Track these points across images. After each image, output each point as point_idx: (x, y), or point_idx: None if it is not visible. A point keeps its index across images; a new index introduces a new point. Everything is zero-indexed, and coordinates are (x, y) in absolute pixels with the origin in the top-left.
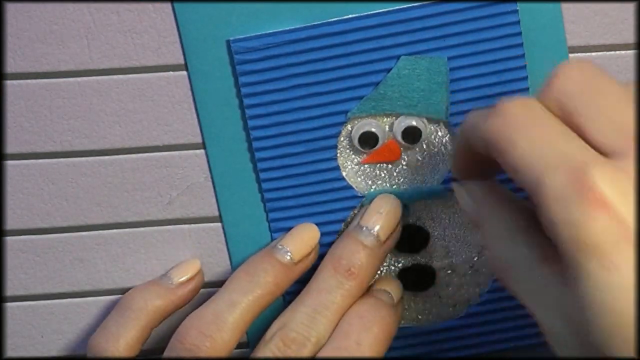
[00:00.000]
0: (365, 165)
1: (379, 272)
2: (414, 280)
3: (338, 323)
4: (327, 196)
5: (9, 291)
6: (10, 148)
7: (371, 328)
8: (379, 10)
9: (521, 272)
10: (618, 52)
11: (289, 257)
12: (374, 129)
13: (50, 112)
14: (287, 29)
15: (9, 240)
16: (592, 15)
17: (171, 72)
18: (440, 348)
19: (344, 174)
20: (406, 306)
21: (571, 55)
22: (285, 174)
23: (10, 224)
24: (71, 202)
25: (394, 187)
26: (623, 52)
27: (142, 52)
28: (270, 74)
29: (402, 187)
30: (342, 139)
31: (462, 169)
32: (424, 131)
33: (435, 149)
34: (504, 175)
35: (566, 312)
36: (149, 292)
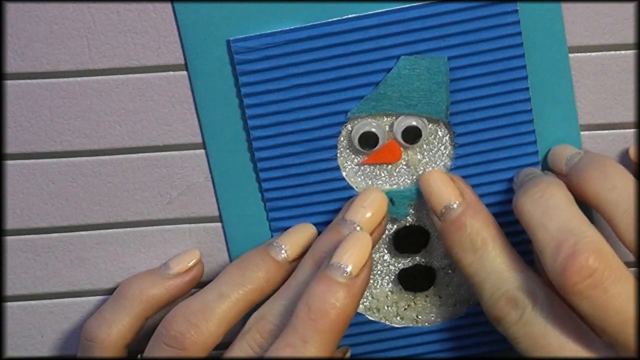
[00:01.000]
0: (365, 165)
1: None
2: (414, 280)
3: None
4: (327, 196)
5: (9, 291)
6: (10, 148)
7: (319, 320)
8: (379, 10)
9: None
10: (618, 52)
11: (283, 255)
12: (374, 129)
13: (50, 112)
14: (287, 28)
15: (9, 240)
16: (592, 15)
17: (171, 72)
18: (440, 348)
19: (343, 174)
20: (406, 306)
21: (571, 55)
22: (285, 174)
23: (10, 224)
24: (71, 202)
25: (394, 186)
26: (623, 52)
27: (142, 52)
28: (270, 74)
29: (402, 187)
30: (342, 139)
31: None
32: (424, 131)
33: (435, 149)
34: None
35: None
36: (145, 281)
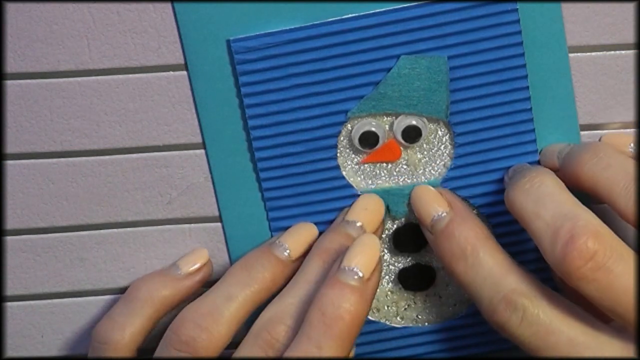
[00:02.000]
0: (365, 165)
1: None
2: (414, 279)
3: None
4: (327, 195)
5: (9, 291)
6: (10, 148)
7: (333, 326)
8: (379, 10)
9: None
10: (618, 52)
11: (287, 254)
12: (374, 129)
13: (50, 112)
14: (286, 28)
15: (9, 240)
16: (592, 15)
17: (171, 72)
18: (440, 348)
19: (343, 173)
20: (406, 306)
21: (571, 55)
22: (285, 174)
23: (10, 224)
24: (71, 202)
25: (393, 185)
26: (623, 52)
27: (142, 52)
28: (270, 74)
29: (402, 186)
30: (342, 138)
31: None
32: (424, 130)
33: (435, 148)
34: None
35: None
36: (155, 282)
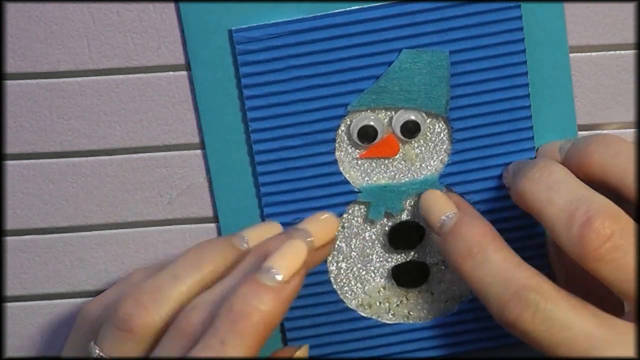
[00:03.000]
0: (363, 160)
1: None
2: (408, 276)
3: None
4: (323, 191)
5: (9, 291)
6: (10, 148)
7: (239, 322)
8: (382, 3)
9: None
10: (618, 52)
11: (245, 245)
12: (372, 123)
13: (50, 112)
14: (289, 19)
15: (9, 240)
16: (592, 15)
17: (171, 72)
18: (431, 345)
19: (341, 168)
20: (398, 302)
21: (571, 55)
22: (282, 167)
23: (10, 224)
24: (71, 202)
25: (390, 182)
26: (623, 52)
27: (142, 52)
28: (271, 65)
29: (398, 182)
30: (340, 132)
31: None
32: (423, 125)
33: (433, 144)
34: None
35: None
36: (149, 271)
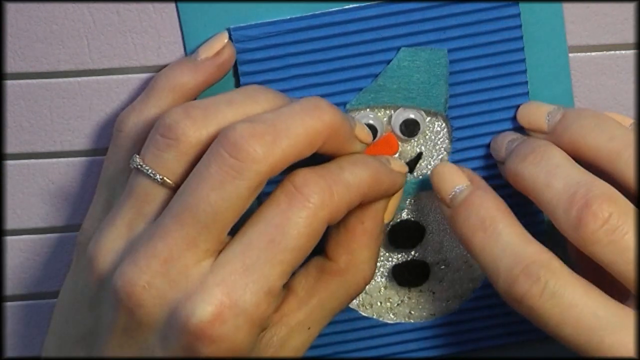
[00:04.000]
0: None
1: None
2: (409, 275)
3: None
4: None
5: (9, 291)
6: (10, 148)
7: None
8: (380, 1)
9: None
10: (618, 52)
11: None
12: (372, 122)
13: (50, 112)
14: (288, 17)
15: (9, 240)
16: (592, 15)
17: None
18: (432, 344)
19: None
20: (399, 302)
21: (571, 55)
22: None
23: (10, 224)
24: (71, 202)
25: None
26: (623, 52)
27: (142, 52)
28: (270, 64)
29: None
30: None
31: None
32: (422, 124)
33: (433, 142)
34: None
35: None
36: (173, 70)
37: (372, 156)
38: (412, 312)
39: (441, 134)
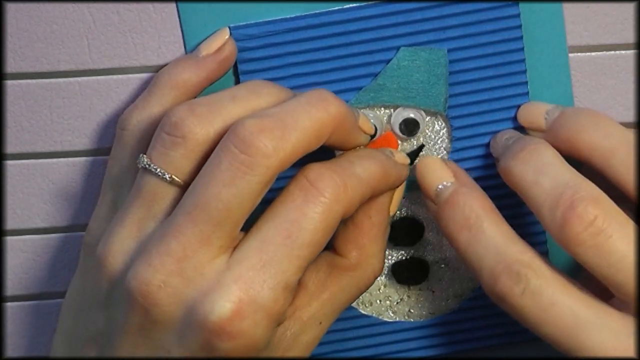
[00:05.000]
0: None
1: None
2: (408, 273)
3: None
4: None
5: (9, 291)
6: (10, 148)
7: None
8: (380, 0)
9: None
10: (618, 52)
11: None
12: (372, 121)
13: (50, 112)
14: (288, 16)
15: (9, 240)
16: (592, 15)
17: None
18: (432, 343)
19: None
20: (399, 300)
21: (571, 55)
22: None
23: (10, 224)
24: (71, 202)
25: None
26: (623, 52)
27: (142, 52)
28: (269, 62)
29: None
30: None
31: None
32: (422, 123)
33: (432, 142)
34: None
35: None
36: (174, 66)
37: (377, 150)
38: (412, 311)
39: (441, 133)
